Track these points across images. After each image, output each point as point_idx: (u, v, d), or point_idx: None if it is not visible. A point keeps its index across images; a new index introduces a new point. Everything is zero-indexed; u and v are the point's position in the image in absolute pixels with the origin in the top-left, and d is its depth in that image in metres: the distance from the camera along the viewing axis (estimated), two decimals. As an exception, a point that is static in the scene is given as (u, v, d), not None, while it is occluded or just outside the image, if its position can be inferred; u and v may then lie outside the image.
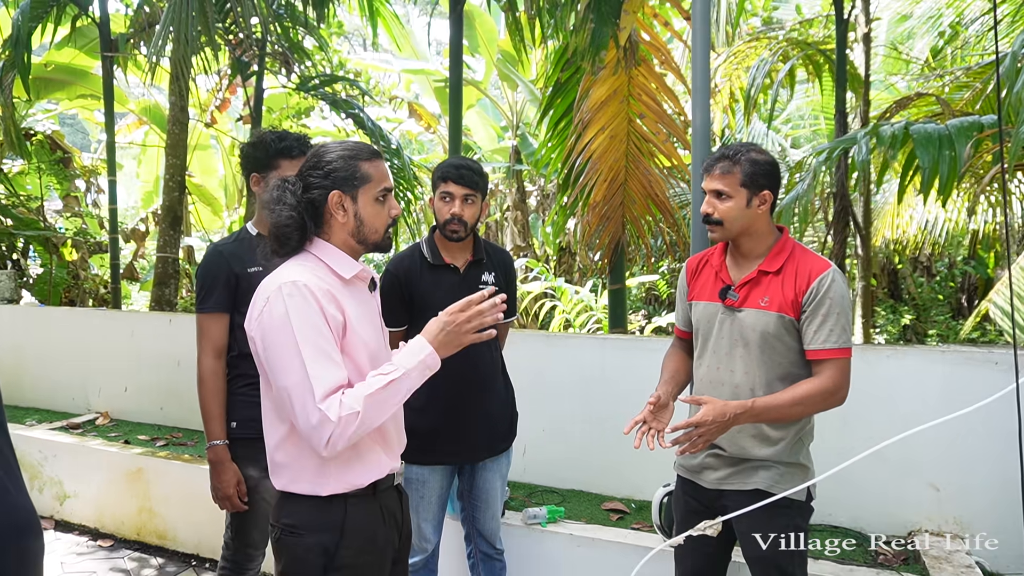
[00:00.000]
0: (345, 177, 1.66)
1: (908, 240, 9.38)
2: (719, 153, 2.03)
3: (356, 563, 1.67)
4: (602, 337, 3.86)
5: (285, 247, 1.67)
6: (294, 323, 1.54)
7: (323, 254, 1.69)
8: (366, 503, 1.70)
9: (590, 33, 4.27)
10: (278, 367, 1.55)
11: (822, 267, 1.99)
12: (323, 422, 1.50)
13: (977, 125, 3.63)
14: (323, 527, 1.65)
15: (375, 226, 1.71)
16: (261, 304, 1.60)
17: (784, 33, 7.60)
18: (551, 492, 3.46)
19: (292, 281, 1.58)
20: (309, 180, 1.67)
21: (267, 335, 1.57)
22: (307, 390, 1.51)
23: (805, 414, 1.99)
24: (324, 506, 1.66)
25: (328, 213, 1.68)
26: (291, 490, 1.68)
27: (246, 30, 5.63)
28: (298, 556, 1.65)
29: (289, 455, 1.66)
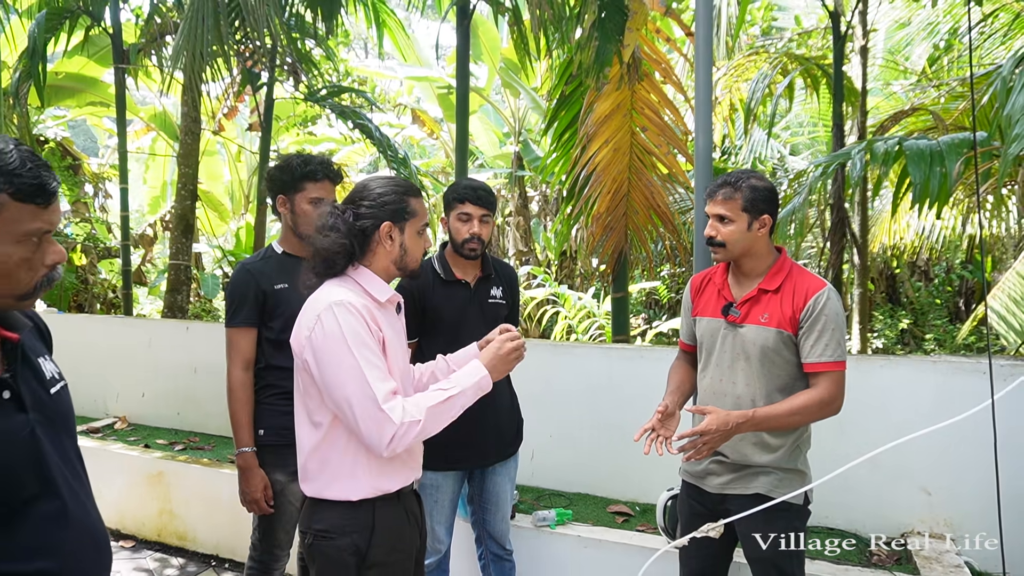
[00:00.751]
0: (396, 210, 1.82)
1: (906, 246, 9.52)
2: (722, 180, 2.16)
3: (387, 560, 1.81)
4: (608, 347, 3.99)
5: (331, 270, 1.82)
6: (348, 337, 1.68)
7: (361, 279, 1.83)
8: (392, 505, 1.85)
9: (595, 50, 4.41)
10: (336, 379, 1.69)
11: (818, 286, 2.12)
12: (387, 424, 1.66)
13: (967, 142, 3.77)
14: (354, 528, 1.78)
15: (415, 256, 1.88)
16: (311, 322, 1.74)
17: (783, 45, 7.73)
18: (559, 495, 3.59)
19: (340, 300, 1.73)
20: (360, 210, 1.81)
21: (321, 350, 1.71)
22: (368, 396, 1.66)
23: (803, 423, 2.13)
24: (354, 510, 1.79)
25: (376, 241, 1.82)
26: (323, 496, 1.80)
27: (259, 43, 5.76)
28: (332, 558, 1.78)
29: (321, 463, 1.80)
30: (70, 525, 1.19)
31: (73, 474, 1.25)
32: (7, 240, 1.09)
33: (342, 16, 6.76)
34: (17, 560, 1.12)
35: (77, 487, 1.24)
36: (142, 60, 7.17)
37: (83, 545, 1.22)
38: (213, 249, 10.41)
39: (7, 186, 1.08)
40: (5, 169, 1.07)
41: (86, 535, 1.23)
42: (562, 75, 5.45)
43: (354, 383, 1.67)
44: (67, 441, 1.26)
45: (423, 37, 12.84)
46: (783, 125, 10.70)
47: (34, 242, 1.13)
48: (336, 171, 2.54)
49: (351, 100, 7.66)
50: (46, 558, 1.15)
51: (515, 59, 10.21)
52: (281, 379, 2.45)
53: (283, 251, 2.54)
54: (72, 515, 1.20)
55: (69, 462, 1.24)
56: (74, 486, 1.23)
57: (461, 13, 5.54)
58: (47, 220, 1.13)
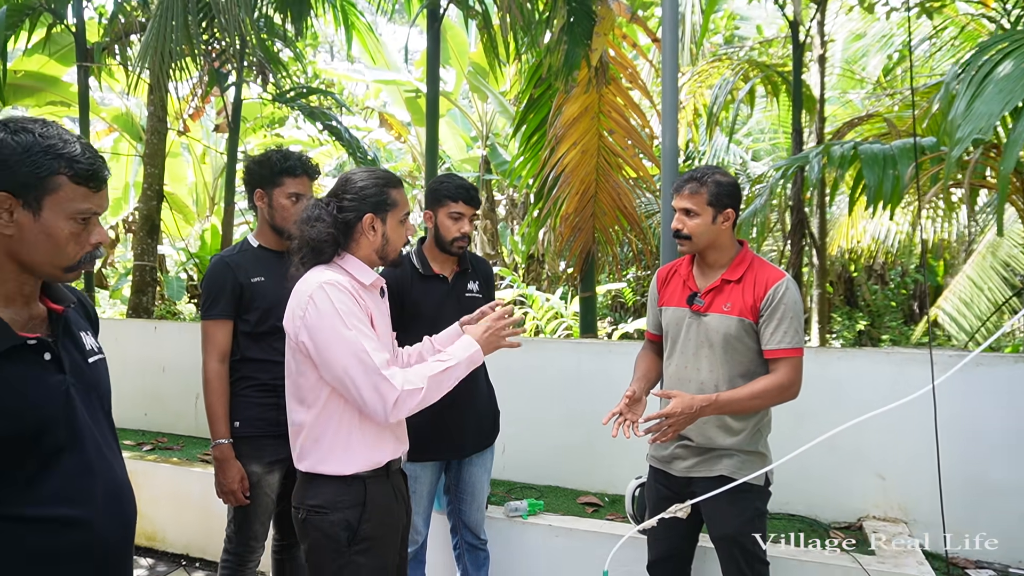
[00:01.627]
0: (377, 202, 1.90)
1: (863, 250, 9.83)
2: (688, 175, 2.26)
3: (376, 535, 1.88)
4: (577, 341, 4.08)
5: (319, 258, 1.89)
6: (341, 312, 1.77)
7: (346, 264, 1.91)
8: (381, 482, 1.92)
9: (564, 54, 4.51)
10: (335, 354, 1.76)
11: (777, 276, 2.23)
12: (389, 389, 1.75)
13: (918, 147, 3.95)
14: (347, 504, 1.86)
15: (397, 245, 1.96)
16: (304, 303, 1.80)
17: (745, 53, 7.95)
18: (529, 488, 3.66)
19: (328, 280, 1.81)
20: (343, 202, 1.88)
21: (317, 328, 1.77)
22: (368, 366, 1.75)
23: (763, 407, 2.23)
24: (346, 486, 1.86)
25: (359, 232, 1.90)
26: (317, 471, 1.87)
27: (229, 43, 5.75)
28: (325, 532, 1.85)
29: (315, 440, 1.86)
30: (95, 478, 1.30)
31: (101, 434, 1.35)
32: (61, 216, 1.24)
33: (311, 18, 6.77)
34: (45, 506, 1.23)
35: (104, 446, 1.35)
36: (106, 59, 7.07)
37: (106, 497, 1.31)
38: (178, 251, 10.27)
39: (67, 169, 1.23)
40: (67, 155, 1.23)
41: (110, 489, 1.33)
42: (531, 78, 5.55)
43: (353, 356, 1.75)
44: (99, 406, 1.38)
45: (391, 40, 12.86)
46: (745, 131, 10.97)
47: (83, 221, 1.27)
48: (314, 167, 2.58)
49: (319, 102, 7.66)
50: (71, 506, 1.26)
51: (483, 63, 10.32)
52: (256, 371, 2.48)
53: (259, 244, 2.56)
54: (97, 470, 1.30)
55: (99, 424, 1.35)
56: (101, 444, 1.33)
57: (431, 17, 5.60)
58: (97, 203, 1.28)
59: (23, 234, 1.22)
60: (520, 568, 3.12)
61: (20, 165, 1.19)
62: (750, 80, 6.14)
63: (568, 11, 4.49)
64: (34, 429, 1.22)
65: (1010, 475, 2.98)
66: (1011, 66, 3.00)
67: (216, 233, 9.81)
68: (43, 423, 1.24)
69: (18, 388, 1.21)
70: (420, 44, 11.97)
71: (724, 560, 2.30)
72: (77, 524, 1.26)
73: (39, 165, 1.20)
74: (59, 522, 1.25)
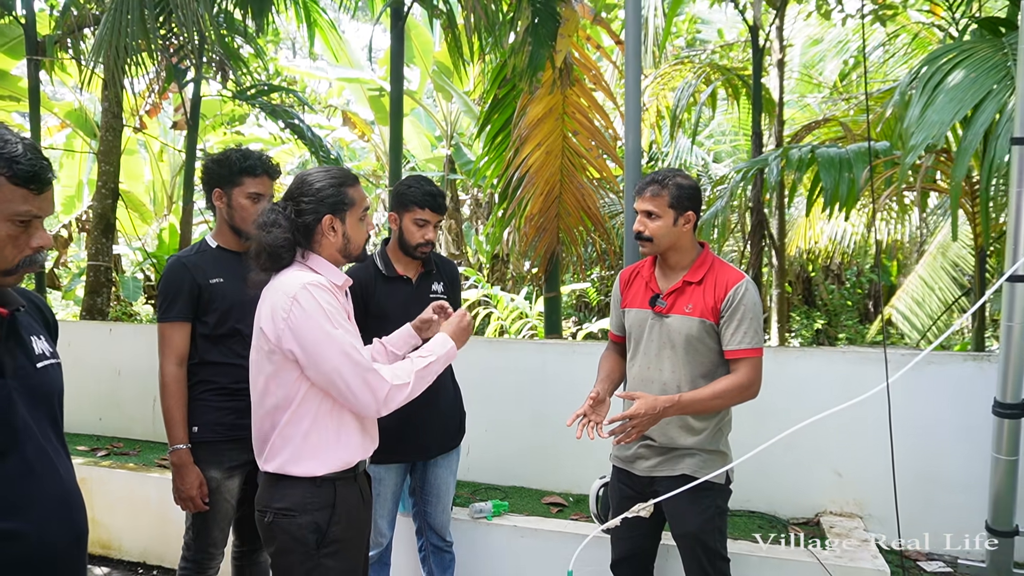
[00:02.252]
0: (335, 202, 1.87)
1: (820, 250, 10.07)
2: (649, 178, 2.29)
3: (345, 537, 1.87)
4: (542, 342, 4.09)
5: (278, 264, 1.87)
6: (327, 311, 1.77)
7: (316, 265, 1.89)
8: (349, 484, 1.91)
9: (528, 55, 4.52)
10: (322, 351, 1.76)
11: (737, 278, 2.27)
12: (380, 383, 1.78)
13: (873, 151, 4.06)
14: (316, 506, 1.83)
15: (358, 243, 1.95)
16: (287, 304, 1.78)
17: (706, 56, 8.08)
18: (494, 489, 3.66)
19: (311, 281, 1.80)
20: (301, 205, 1.86)
21: (303, 328, 1.76)
22: (358, 362, 1.77)
23: (724, 406, 2.27)
24: (315, 488, 1.84)
25: (319, 233, 1.88)
26: (287, 472, 1.84)
27: (188, 38, 5.63)
28: (293, 535, 1.82)
29: (286, 441, 1.84)
30: (37, 485, 1.25)
31: (46, 440, 1.31)
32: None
33: (272, 15, 6.67)
34: None
35: (50, 451, 1.30)
36: (58, 53, 6.87)
37: (51, 508, 1.27)
38: (134, 251, 10.02)
39: (6, 170, 1.19)
40: (6, 155, 1.20)
41: (54, 499, 1.28)
42: (495, 79, 5.55)
43: (342, 353, 1.76)
44: (45, 412, 1.33)
45: (354, 38, 12.74)
46: (707, 134, 11.14)
47: (23, 224, 1.23)
48: (275, 166, 2.53)
49: (281, 100, 7.55)
50: (13, 518, 1.22)
51: (448, 63, 10.27)
52: (215, 375, 2.43)
53: (217, 245, 2.51)
54: (39, 475, 1.26)
55: (44, 430, 1.31)
56: (46, 449, 1.29)
57: (395, 16, 5.56)
58: (38, 206, 1.24)
59: None
60: (485, 569, 3.12)
61: None
62: (712, 83, 6.23)
63: (532, 12, 4.50)
64: None
65: (960, 470, 3.07)
66: (961, 76, 3.11)
67: (174, 232, 9.60)
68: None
69: None
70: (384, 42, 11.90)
71: (686, 558, 2.33)
72: (19, 536, 1.22)
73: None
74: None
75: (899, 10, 6.43)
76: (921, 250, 9.80)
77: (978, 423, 3.00)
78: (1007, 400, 2.80)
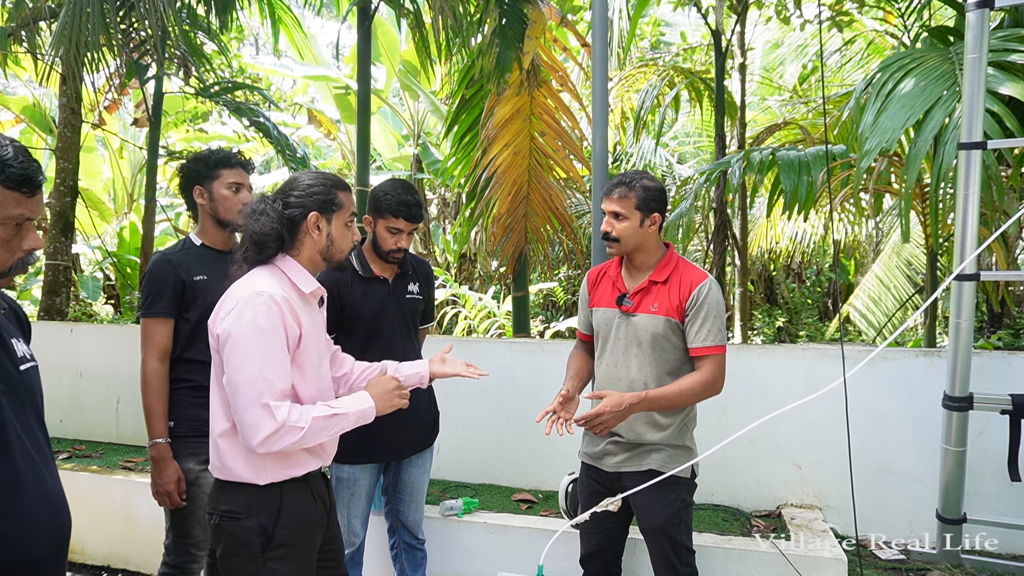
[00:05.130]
0: (324, 201, 1.87)
1: (781, 250, 10.30)
2: (617, 180, 2.34)
3: (292, 541, 1.84)
4: (510, 341, 4.13)
5: (262, 254, 1.85)
6: (258, 328, 1.72)
7: (288, 269, 1.87)
8: (299, 488, 1.88)
9: (496, 56, 4.55)
10: (235, 363, 1.72)
11: (701, 277, 2.34)
12: (266, 420, 1.69)
13: (830, 154, 4.19)
14: (261, 510, 1.81)
15: (342, 247, 1.93)
16: (230, 305, 1.77)
17: (670, 59, 8.21)
18: (464, 487, 3.69)
19: (261, 291, 1.76)
20: (290, 199, 1.85)
21: (231, 334, 1.73)
22: (257, 389, 1.70)
23: (690, 402, 2.34)
24: (261, 492, 1.82)
25: (303, 231, 1.87)
26: (230, 479, 1.82)
27: (152, 33, 5.53)
28: (238, 538, 1.80)
29: (231, 446, 1.82)
30: (22, 490, 1.25)
31: (34, 444, 1.31)
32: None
33: (236, 12, 6.59)
34: None
35: (37, 455, 1.30)
36: (11, 46, 6.68)
37: (36, 511, 1.27)
38: (93, 249, 9.79)
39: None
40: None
41: (39, 502, 1.29)
42: (463, 79, 5.57)
43: (248, 373, 1.70)
44: (31, 414, 1.33)
45: (319, 35, 12.61)
46: (671, 135, 11.30)
47: (15, 226, 1.24)
48: (247, 160, 2.58)
49: (246, 97, 7.46)
50: (1, 521, 1.22)
51: (414, 62, 10.27)
52: (193, 372, 2.42)
53: (202, 243, 2.54)
54: (25, 480, 1.26)
55: (31, 434, 1.31)
56: (33, 454, 1.29)
57: (362, 14, 5.55)
58: (30, 209, 1.25)
59: None
60: (456, 566, 3.15)
61: None
62: (675, 86, 6.35)
63: (500, 14, 4.54)
64: None
65: (912, 462, 3.20)
66: (912, 84, 3.23)
67: (135, 231, 9.41)
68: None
69: None
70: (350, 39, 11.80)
71: (653, 551, 2.39)
72: (6, 538, 1.22)
73: None
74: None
75: (855, 17, 6.62)
76: (877, 250, 10.09)
77: (929, 416, 3.13)
78: (955, 393, 2.94)
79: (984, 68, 2.75)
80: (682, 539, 2.37)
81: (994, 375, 3.10)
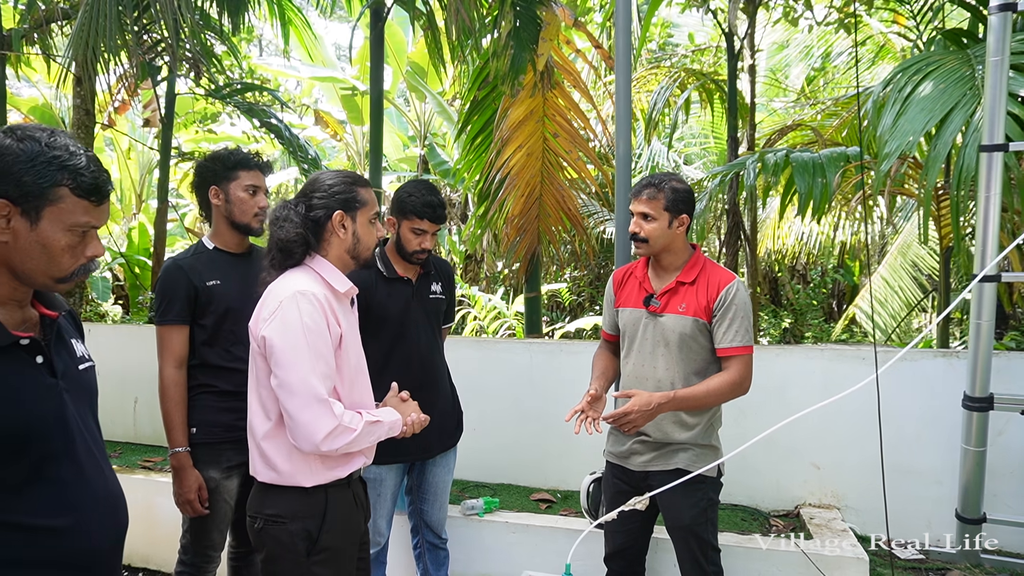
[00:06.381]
0: (347, 199, 1.88)
1: (787, 250, 10.32)
2: (646, 181, 2.36)
3: (335, 545, 1.86)
4: (529, 341, 4.16)
5: (289, 260, 1.86)
6: (306, 327, 1.74)
7: (321, 269, 1.88)
8: (342, 491, 1.90)
9: (510, 58, 4.57)
10: (285, 364, 1.73)
11: (729, 278, 2.36)
12: (325, 417, 1.71)
13: (844, 156, 4.21)
14: (306, 514, 1.82)
15: (368, 244, 1.94)
16: (273, 306, 1.78)
17: (678, 60, 8.23)
18: (483, 486, 3.71)
19: (304, 290, 1.77)
20: (313, 201, 1.87)
21: (278, 335, 1.74)
22: (311, 387, 1.71)
23: (718, 402, 2.36)
24: (306, 495, 1.83)
25: (329, 231, 1.88)
26: (276, 482, 1.83)
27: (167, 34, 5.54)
28: (283, 542, 1.81)
29: (276, 449, 1.82)
30: (87, 486, 1.29)
31: (93, 440, 1.34)
32: (59, 227, 1.23)
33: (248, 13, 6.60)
34: (38, 515, 1.23)
35: (96, 453, 1.34)
36: (23, 47, 6.70)
37: (97, 506, 1.31)
38: (101, 251, 9.80)
39: (70, 181, 1.23)
40: (71, 167, 1.23)
41: (100, 497, 1.32)
42: (475, 80, 5.59)
43: (299, 372, 1.72)
44: (89, 413, 1.37)
45: (324, 36, 12.62)
46: (677, 136, 11.31)
47: (81, 234, 1.26)
48: (266, 162, 2.56)
49: (254, 98, 7.47)
50: (64, 516, 1.25)
51: (421, 63, 10.30)
52: (213, 378, 2.42)
53: (215, 247, 2.50)
54: (89, 477, 1.30)
55: (90, 431, 1.34)
56: (93, 451, 1.33)
57: (375, 17, 5.57)
58: (96, 217, 1.28)
59: (18, 242, 1.21)
60: (478, 565, 3.17)
61: (23, 174, 1.19)
62: (686, 87, 6.36)
63: (514, 16, 4.56)
64: (26, 430, 1.21)
65: (931, 462, 3.22)
66: (930, 87, 3.25)
67: (144, 231, 9.43)
68: (34, 425, 1.23)
69: (11, 387, 1.21)
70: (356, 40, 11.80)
71: (680, 549, 2.41)
72: (69, 533, 1.25)
73: (42, 175, 1.20)
74: (51, 531, 1.23)
75: (862, 20, 6.64)
76: (883, 251, 10.10)
77: (947, 416, 3.15)
78: (976, 394, 2.96)
79: (1006, 71, 2.77)
80: (708, 538, 2.39)
81: (1012, 376, 3.11)
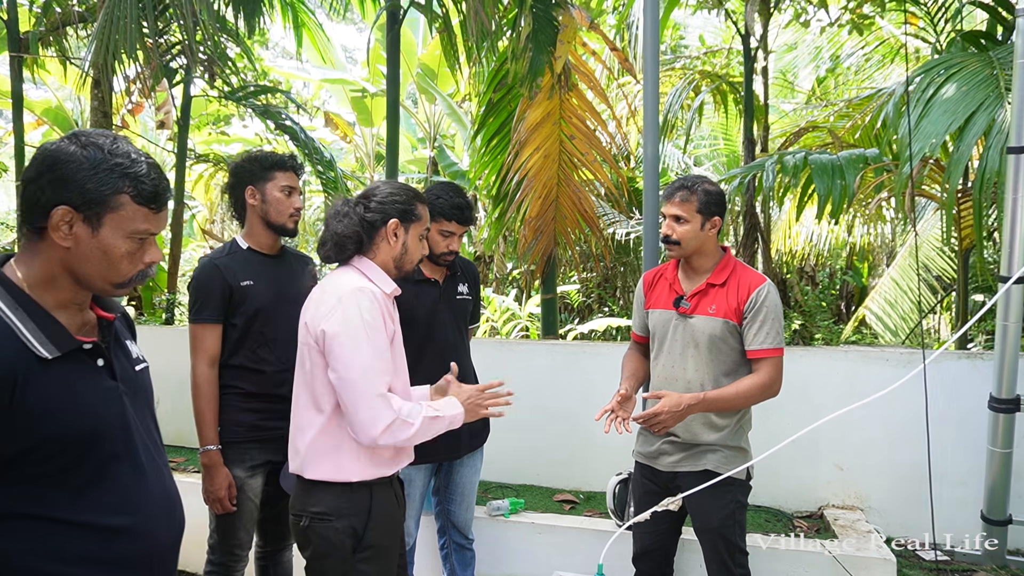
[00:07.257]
0: (405, 210, 1.94)
1: (796, 252, 10.32)
2: (679, 183, 2.38)
3: (381, 543, 1.89)
4: (552, 342, 4.17)
5: (342, 255, 1.92)
6: (366, 323, 1.79)
7: (366, 270, 1.93)
8: (385, 489, 1.93)
9: (528, 61, 4.60)
10: (344, 358, 1.77)
11: (759, 281, 2.38)
12: (385, 411, 1.75)
13: (863, 158, 4.22)
14: (352, 511, 1.85)
15: (413, 257, 1.99)
16: (332, 301, 1.82)
17: (690, 62, 8.23)
18: (506, 487, 3.73)
19: (363, 287, 1.83)
20: (371, 204, 1.92)
21: (338, 331, 1.78)
22: (371, 381, 1.76)
23: (748, 404, 2.37)
24: (351, 493, 1.86)
25: (381, 236, 1.93)
26: (323, 478, 1.86)
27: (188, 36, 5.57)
28: (330, 540, 1.84)
29: (325, 445, 1.86)
30: (147, 486, 1.31)
31: (152, 441, 1.36)
32: (119, 234, 1.24)
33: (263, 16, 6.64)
34: (102, 515, 1.25)
35: (155, 453, 1.36)
36: (40, 50, 6.75)
37: (157, 506, 1.33)
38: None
39: (131, 189, 1.24)
40: (133, 174, 1.24)
41: (159, 497, 1.34)
42: (491, 83, 5.61)
43: (360, 368, 1.76)
44: (147, 413, 1.39)
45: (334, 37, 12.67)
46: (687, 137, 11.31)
47: (140, 240, 1.27)
48: (301, 165, 2.60)
49: (267, 100, 7.51)
50: (124, 515, 1.27)
51: (432, 65, 10.32)
52: (237, 379, 2.45)
53: (248, 247, 2.53)
54: (149, 477, 1.32)
55: (149, 432, 1.37)
56: (152, 452, 1.35)
57: (391, 19, 5.59)
58: (155, 224, 1.29)
59: (79, 248, 1.23)
60: (504, 566, 3.18)
61: (86, 181, 1.20)
62: (701, 89, 6.37)
63: (533, 18, 4.58)
64: (90, 432, 1.23)
65: (955, 464, 3.22)
66: (953, 89, 3.26)
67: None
68: (98, 428, 1.25)
69: (74, 390, 1.23)
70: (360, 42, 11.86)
71: (708, 551, 2.42)
72: (130, 533, 1.27)
73: (104, 182, 1.21)
74: (112, 530, 1.26)
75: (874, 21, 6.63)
76: (893, 253, 10.09)
77: (972, 418, 3.15)
78: (1002, 395, 2.96)
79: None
80: (736, 540, 2.40)
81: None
